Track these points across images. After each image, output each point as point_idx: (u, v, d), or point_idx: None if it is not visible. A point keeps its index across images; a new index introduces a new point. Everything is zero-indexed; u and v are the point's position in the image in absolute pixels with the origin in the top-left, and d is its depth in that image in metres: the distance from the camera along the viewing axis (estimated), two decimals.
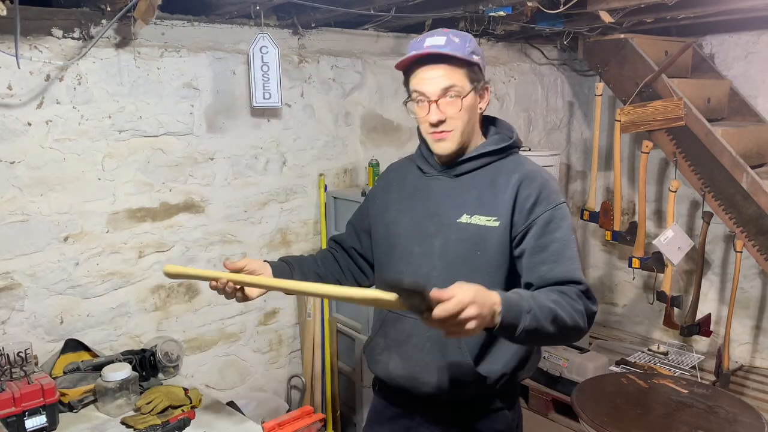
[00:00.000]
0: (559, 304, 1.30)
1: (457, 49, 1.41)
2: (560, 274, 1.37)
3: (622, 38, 3.20)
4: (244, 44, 2.54)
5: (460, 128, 1.45)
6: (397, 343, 1.56)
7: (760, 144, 3.19)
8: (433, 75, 1.42)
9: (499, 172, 1.49)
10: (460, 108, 1.43)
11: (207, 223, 2.58)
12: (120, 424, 1.92)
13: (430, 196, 1.53)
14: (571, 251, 1.40)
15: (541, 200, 1.43)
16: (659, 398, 2.37)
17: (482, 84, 1.48)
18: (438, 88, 1.42)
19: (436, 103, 1.42)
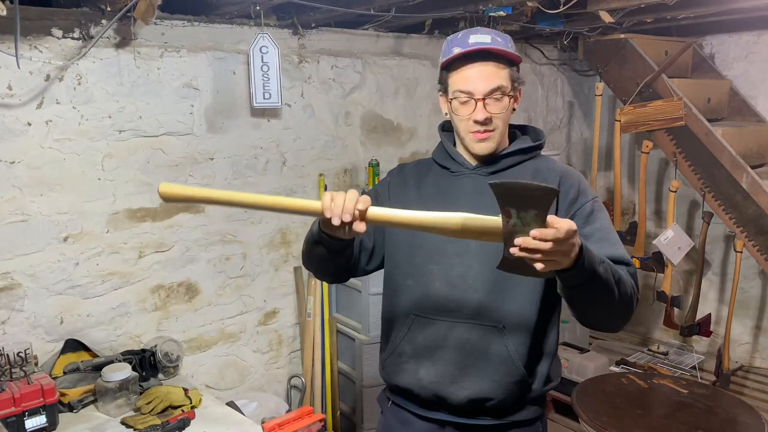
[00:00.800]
0: (621, 271, 1.30)
1: (505, 45, 1.40)
2: (610, 255, 1.33)
3: (622, 38, 3.20)
4: (244, 44, 2.54)
5: (501, 128, 1.43)
6: (429, 350, 1.46)
7: (760, 144, 3.19)
8: (482, 73, 1.39)
9: (537, 168, 1.47)
10: (506, 107, 1.41)
11: (207, 223, 2.58)
12: (120, 424, 1.92)
13: (461, 194, 1.46)
14: (615, 237, 1.41)
15: (581, 192, 1.43)
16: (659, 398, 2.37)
17: (517, 86, 1.46)
18: (487, 86, 1.38)
19: (483, 102, 1.39)
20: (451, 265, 1.43)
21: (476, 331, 1.42)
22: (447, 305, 1.43)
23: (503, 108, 1.41)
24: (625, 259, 1.37)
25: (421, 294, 1.46)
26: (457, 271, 1.42)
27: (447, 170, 1.51)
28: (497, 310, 1.41)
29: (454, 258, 1.43)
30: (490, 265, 1.32)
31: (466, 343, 1.42)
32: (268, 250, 2.79)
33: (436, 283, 1.45)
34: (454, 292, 1.43)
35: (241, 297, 2.72)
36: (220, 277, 2.65)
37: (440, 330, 1.44)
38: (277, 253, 2.82)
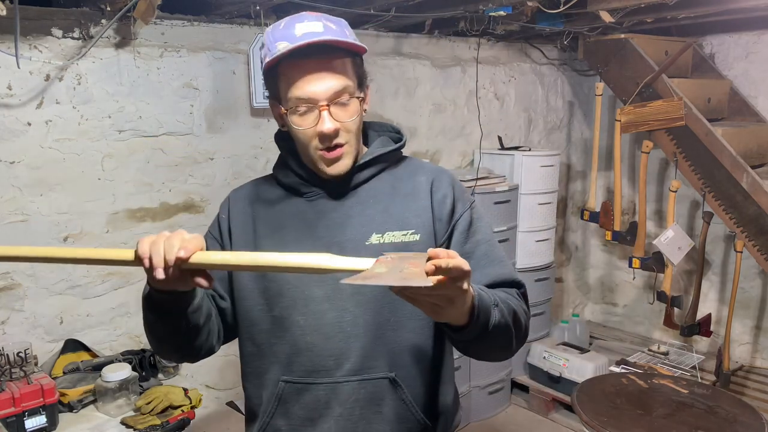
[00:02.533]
0: (511, 302, 1.13)
1: (339, 36, 1.10)
2: (497, 277, 1.17)
3: (622, 38, 3.20)
4: (244, 44, 2.54)
5: (354, 139, 1.16)
6: (310, 422, 1.17)
7: (761, 144, 3.18)
8: (321, 73, 1.10)
9: (398, 177, 1.22)
10: (356, 112, 1.14)
11: (207, 223, 2.54)
12: (120, 424, 1.92)
13: (319, 222, 1.19)
14: (499, 251, 1.21)
15: (457, 199, 1.21)
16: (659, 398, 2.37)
17: (366, 79, 1.19)
18: (329, 89, 1.10)
19: (328, 109, 1.11)
20: (321, 312, 1.15)
21: (365, 388, 1.15)
22: (324, 363, 1.16)
23: (354, 114, 1.13)
24: (514, 279, 1.19)
25: (289, 353, 1.18)
26: (329, 318, 1.15)
27: (295, 193, 1.25)
28: (386, 356, 1.15)
29: (324, 303, 1.15)
30: (369, 305, 1.13)
31: (354, 405, 1.15)
32: None
33: (306, 337, 1.16)
34: (329, 344, 1.15)
35: None
36: None
37: (320, 395, 1.16)
38: None
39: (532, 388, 3.37)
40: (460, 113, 3.40)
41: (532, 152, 3.36)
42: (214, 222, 1.33)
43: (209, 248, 1.19)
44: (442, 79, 3.28)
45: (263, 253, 0.98)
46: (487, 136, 3.46)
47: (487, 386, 3.24)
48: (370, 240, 1.16)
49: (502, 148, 3.46)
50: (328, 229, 1.18)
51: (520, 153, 3.32)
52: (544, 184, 3.36)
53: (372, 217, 1.18)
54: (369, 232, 1.16)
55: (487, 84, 3.50)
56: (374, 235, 1.16)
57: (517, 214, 3.30)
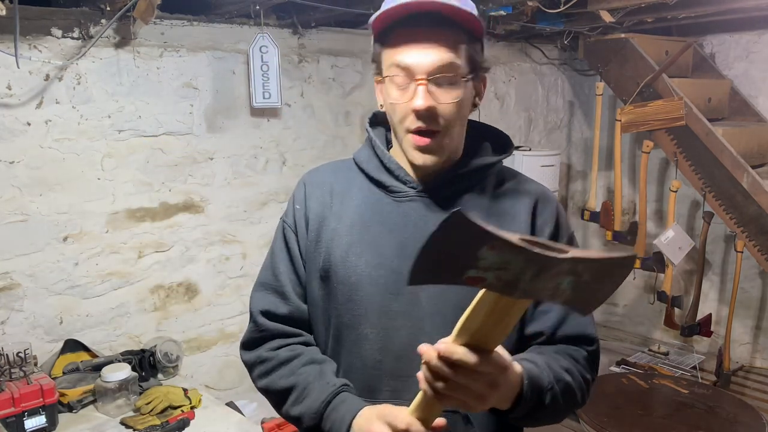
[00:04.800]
0: (572, 374, 1.01)
1: (460, 3, 0.97)
2: (573, 329, 1.04)
3: (622, 38, 3.20)
4: (243, 44, 2.54)
5: (454, 131, 1.02)
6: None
7: (761, 144, 3.18)
8: (427, 42, 0.97)
9: (498, 192, 1.08)
10: (461, 98, 1.00)
11: (206, 223, 2.58)
12: (119, 425, 1.92)
13: (405, 227, 1.04)
14: None
15: (560, 228, 1.08)
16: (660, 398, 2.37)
17: (481, 69, 1.05)
18: (432, 61, 0.96)
19: (426, 85, 0.97)
20: (395, 329, 1.02)
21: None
22: (389, 384, 1.03)
23: (456, 97, 0.99)
24: (588, 333, 1.06)
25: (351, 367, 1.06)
26: (402, 335, 1.01)
27: (382, 188, 1.08)
28: None
29: (401, 319, 1.02)
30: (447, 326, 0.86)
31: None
32: None
33: (373, 353, 1.04)
34: (399, 365, 1.02)
35: (240, 297, 2.72)
36: (220, 277, 2.65)
37: None
38: None
39: None
40: None
41: (533, 152, 3.36)
42: (289, 210, 1.18)
43: (288, 242, 1.13)
44: None
45: None
46: None
47: None
48: None
49: None
50: (411, 237, 1.02)
51: (521, 153, 3.32)
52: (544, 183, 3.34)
53: None
54: None
55: (487, 83, 3.50)
56: None
57: None
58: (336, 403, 1.01)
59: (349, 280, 1.05)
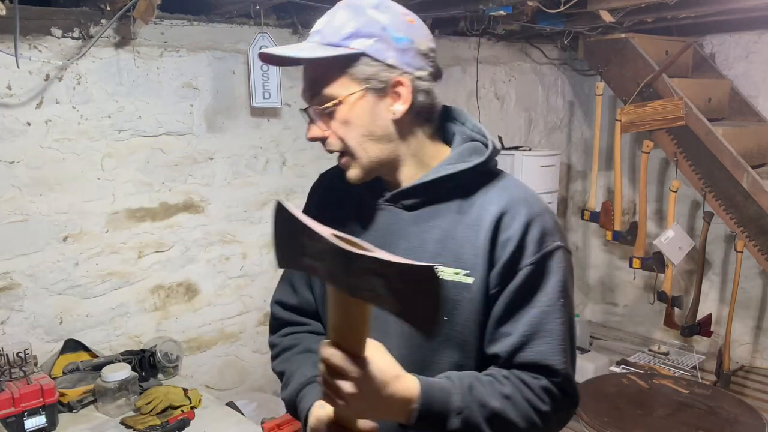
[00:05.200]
0: (513, 402, 0.96)
1: (327, 36, 0.99)
2: (532, 357, 0.98)
3: (622, 38, 3.20)
4: (243, 44, 2.54)
5: (354, 148, 1.03)
6: None
7: (761, 144, 3.18)
8: (304, 82, 1.04)
9: (471, 201, 1.04)
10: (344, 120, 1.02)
11: (207, 223, 2.58)
12: (120, 425, 1.92)
13: (378, 234, 1.07)
14: (555, 323, 0.99)
15: (526, 245, 1.00)
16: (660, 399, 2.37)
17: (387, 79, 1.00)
18: (307, 99, 1.04)
19: (308, 115, 1.04)
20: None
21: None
22: None
23: (341, 121, 1.01)
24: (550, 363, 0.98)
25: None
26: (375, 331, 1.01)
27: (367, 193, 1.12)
28: None
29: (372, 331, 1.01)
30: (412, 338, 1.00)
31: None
32: (268, 250, 2.78)
33: None
34: None
35: (240, 297, 2.72)
36: (220, 277, 2.65)
37: None
38: None
39: None
40: None
41: (533, 152, 3.36)
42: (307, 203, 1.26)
43: None
44: (442, 78, 3.27)
45: None
46: None
47: None
48: None
49: (502, 147, 3.45)
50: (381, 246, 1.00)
51: (521, 153, 3.32)
52: (544, 184, 3.36)
53: (425, 243, 1.03)
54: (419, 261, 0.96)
55: (488, 84, 3.50)
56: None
57: None
58: (304, 393, 1.07)
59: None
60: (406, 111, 1.02)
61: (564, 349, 0.99)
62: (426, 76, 1.04)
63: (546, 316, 0.99)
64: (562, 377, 0.99)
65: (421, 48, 1.04)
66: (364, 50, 0.98)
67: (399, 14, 1.04)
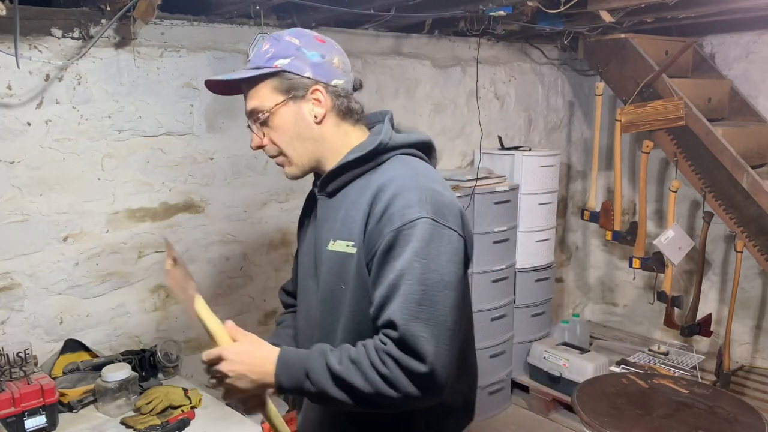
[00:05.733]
0: (357, 365, 1.07)
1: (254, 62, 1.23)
2: (385, 316, 1.09)
3: (622, 38, 3.20)
4: (243, 44, 2.54)
5: (287, 150, 1.26)
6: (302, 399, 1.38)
7: (761, 144, 3.18)
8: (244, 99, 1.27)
9: (366, 184, 1.21)
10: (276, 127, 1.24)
11: (207, 223, 2.58)
12: (120, 425, 1.92)
13: (316, 221, 1.31)
14: (406, 284, 1.07)
15: (387, 217, 1.12)
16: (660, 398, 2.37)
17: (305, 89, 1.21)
18: (247, 114, 1.26)
19: (252, 128, 1.27)
20: (309, 304, 1.31)
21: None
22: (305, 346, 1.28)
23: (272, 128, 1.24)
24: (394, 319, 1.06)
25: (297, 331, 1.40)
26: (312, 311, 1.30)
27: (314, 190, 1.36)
28: None
29: (312, 295, 1.30)
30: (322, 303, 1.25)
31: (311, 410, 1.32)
32: (268, 250, 2.79)
33: (301, 321, 1.36)
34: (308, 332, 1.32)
35: (240, 297, 2.72)
36: (220, 277, 2.65)
37: None
38: (277, 253, 2.81)
39: (533, 388, 3.37)
40: (460, 113, 3.40)
41: (533, 152, 3.36)
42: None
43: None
44: (442, 79, 3.28)
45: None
46: (488, 136, 3.46)
47: (487, 386, 3.24)
48: (328, 246, 1.23)
49: (502, 148, 3.46)
50: (317, 230, 1.30)
51: (521, 153, 3.32)
52: (544, 184, 3.36)
53: (334, 222, 1.24)
54: (329, 238, 1.23)
55: (487, 84, 3.50)
56: (330, 241, 1.23)
57: (517, 214, 3.30)
58: None
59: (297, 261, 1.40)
60: (325, 114, 1.23)
61: (408, 308, 1.06)
62: (342, 84, 1.25)
63: (399, 279, 1.08)
64: (401, 333, 1.05)
65: (333, 62, 1.26)
66: (284, 67, 1.20)
67: (311, 37, 1.26)
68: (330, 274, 1.22)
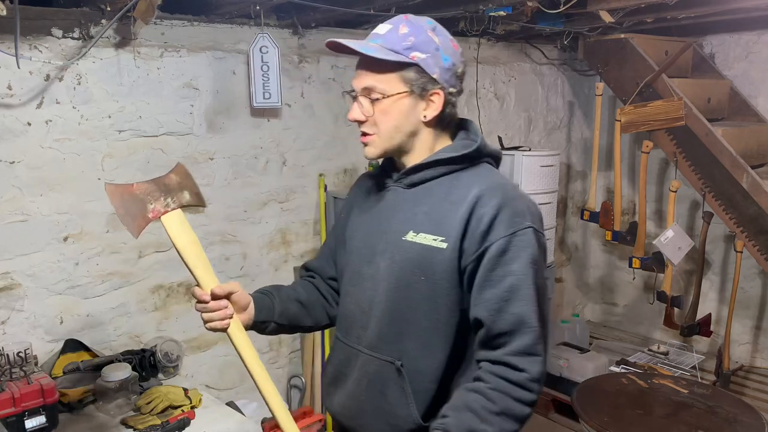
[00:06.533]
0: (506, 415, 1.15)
1: (390, 43, 1.24)
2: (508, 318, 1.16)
3: (622, 38, 3.20)
4: (244, 44, 2.54)
5: (383, 134, 1.28)
6: (341, 376, 1.39)
7: (761, 144, 3.18)
8: (359, 72, 1.29)
9: (457, 184, 1.27)
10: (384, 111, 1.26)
11: (207, 223, 2.58)
12: (120, 424, 1.92)
13: (383, 209, 1.34)
14: (528, 288, 1.17)
15: (498, 223, 1.20)
16: (659, 398, 2.37)
17: (427, 89, 1.25)
18: (359, 84, 1.28)
19: (357, 100, 1.29)
20: (364, 289, 1.34)
21: (375, 365, 1.31)
22: (356, 330, 1.36)
23: (381, 111, 1.26)
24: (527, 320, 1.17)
25: (341, 315, 1.43)
26: (368, 294, 1.32)
27: (382, 183, 1.40)
28: (395, 344, 1.29)
29: (368, 281, 1.33)
30: (393, 290, 1.27)
31: (364, 376, 1.33)
32: (268, 250, 2.79)
33: (351, 306, 1.38)
34: (362, 316, 1.35)
35: None
36: (220, 277, 2.62)
37: (349, 356, 1.37)
38: (277, 253, 2.81)
39: None
40: (460, 113, 3.39)
41: (532, 152, 3.36)
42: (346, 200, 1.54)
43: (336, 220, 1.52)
44: None
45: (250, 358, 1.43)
46: (487, 136, 3.46)
47: None
48: (407, 236, 1.27)
49: (502, 148, 3.45)
50: (384, 218, 1.33)
51: (520, 153, 3.32)
52: (544, 184, 3.36)
53: (416, 215, 1.28)
54: (408, 229, 1.28)
55: (487, 84, 3.50)
56: (411, 232, 1.27)
57: None
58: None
59: (349, 247, 1.40)
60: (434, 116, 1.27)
61: (536, 310, 1.17)
62: (455, 93, 1.30)
63: (520, 283, 1.17)
64: (535, 332, 1.16)
65: (458, 71, 1.29)
66: (419, 62, 1.23)
67: (449, 39, 1.28)
68: (407, 264, 1.26)
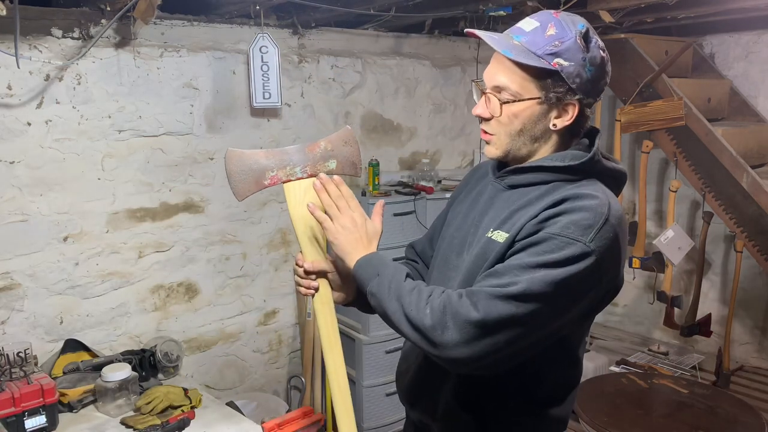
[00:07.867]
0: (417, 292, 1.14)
1: (534, 44, 1.15)
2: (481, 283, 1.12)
3: (622, 38, 3.20)
4: (244, 44, 2.54)
5: (503, 135, 1.20)
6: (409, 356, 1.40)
7: (761, 144, 3.18)
8: (492, 65, 1.21)
9: (555, 192, 1.17)
10: (510, 114, 1.18)
11: (207, 223, 2.58)
12: (120, 424, 1.92)
13: (481, 203, 1.30)
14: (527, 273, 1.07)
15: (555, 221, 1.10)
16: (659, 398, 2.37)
17: (563, 99, 1.15)
18: (491, 81, 1.20)
19: (485, 95, 1.21)
20: (448, 278, 1.30)
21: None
22: None
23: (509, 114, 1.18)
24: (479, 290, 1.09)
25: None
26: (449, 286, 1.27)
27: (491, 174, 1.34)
28: None
29: (453, 271, 1.30)
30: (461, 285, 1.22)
31: (423, 363, 1.32)
32: (268, 250, 2.79)
33: None
34: None
35: (240, 297, 2.72)
36: (220, 277, 2.65)
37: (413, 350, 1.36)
38: (277, 253, 2.81)
39: None
40: (460, 113, 3.40)
41: None
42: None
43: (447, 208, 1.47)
44: (442, 78, 3.28)
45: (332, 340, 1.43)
46: None
47: None
48: (489, 234, 1.21)
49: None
50: (478, 212, 1.30)
51: None
52: None
53: (502, 214, 1.22)
54: (491, 226, 1.22)
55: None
56: (492, 230, 1.21)
57: None
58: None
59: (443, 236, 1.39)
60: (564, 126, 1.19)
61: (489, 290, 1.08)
62: (592, 103, 1.20)
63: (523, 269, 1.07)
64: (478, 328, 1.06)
65: (601, 82, 1.18)
66: (561, 70, 1.13)
67: (598, 47, 1.17)
68: (478, 259, 1.21)
